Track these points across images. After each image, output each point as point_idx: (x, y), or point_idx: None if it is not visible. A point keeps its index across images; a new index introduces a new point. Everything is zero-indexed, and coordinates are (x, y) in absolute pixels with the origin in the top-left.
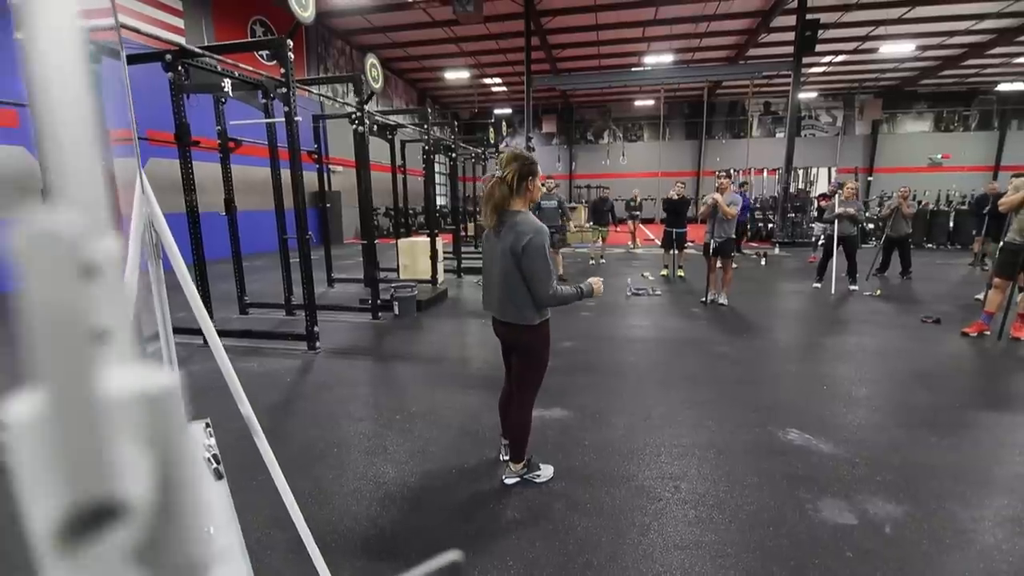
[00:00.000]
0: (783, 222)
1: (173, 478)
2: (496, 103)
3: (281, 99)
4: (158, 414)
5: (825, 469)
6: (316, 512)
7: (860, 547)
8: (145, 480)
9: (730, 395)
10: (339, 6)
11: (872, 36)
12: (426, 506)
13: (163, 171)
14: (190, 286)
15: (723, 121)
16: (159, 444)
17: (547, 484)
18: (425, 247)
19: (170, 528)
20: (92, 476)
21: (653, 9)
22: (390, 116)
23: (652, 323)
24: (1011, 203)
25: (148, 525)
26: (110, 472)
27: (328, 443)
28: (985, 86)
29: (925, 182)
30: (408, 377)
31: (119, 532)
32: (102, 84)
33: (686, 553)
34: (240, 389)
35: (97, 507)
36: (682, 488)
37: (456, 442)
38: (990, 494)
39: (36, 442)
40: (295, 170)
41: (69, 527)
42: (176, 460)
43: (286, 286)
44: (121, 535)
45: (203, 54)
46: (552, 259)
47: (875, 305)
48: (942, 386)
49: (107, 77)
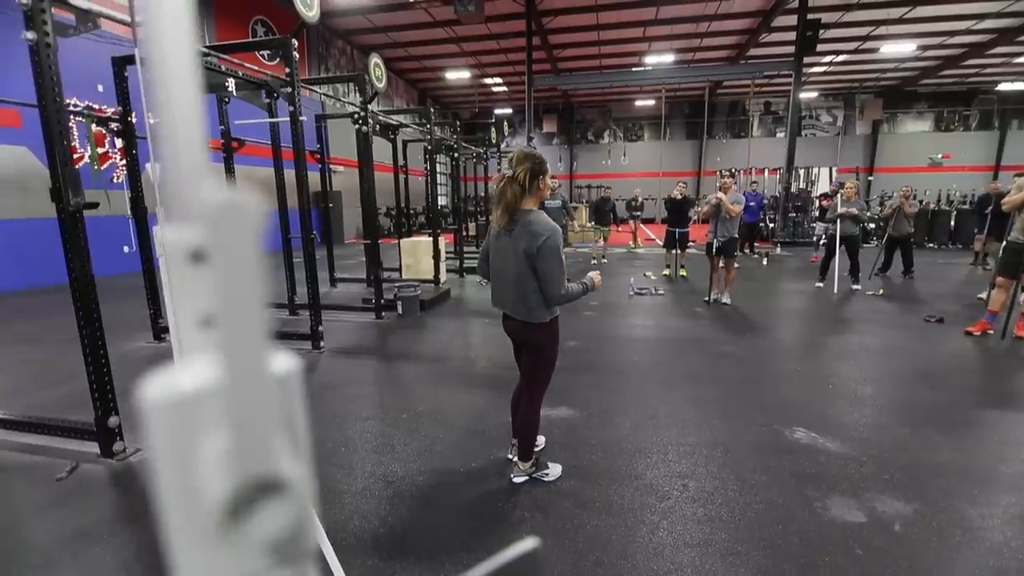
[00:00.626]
0: (784, 222)
1: (302, 457)
2: (497, 103)
3: (286, 99)
4: (290, 394)
5: (833, 467)
6: (326, 511)
7: (870, 545)
8: (295, 458)
9: (735, 394)
10: (340, 6)
11: (873, 36)
12: (435, 504)
13: None
14: None
15: (724, 121)
16: (292, 422)
17: (555, 483)
18: (427, 247)
19: (300, 509)
20: (260, 450)
21: (654, 9)
22: (392, 116)
23: (655, 323)
24: (1014, 202)
25: (298, 505)
26: (275, 448)
27: (336, 442)
28: (985, 86)
29: (926, 182)
30: (413, 376)
31: (280, 509)
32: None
33: (697, 551)
34: None
35: (263, 483)
36: (691, 487)
37: (463, 441)
38: (997, 492)
39: (211, 416)
40: (300, 170)
41: (238, 503)
42: (303, 440)
43: (289, 286)
44: (276, 514)
45: (207, 54)
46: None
47: (878, 304)
48: (946, 385)
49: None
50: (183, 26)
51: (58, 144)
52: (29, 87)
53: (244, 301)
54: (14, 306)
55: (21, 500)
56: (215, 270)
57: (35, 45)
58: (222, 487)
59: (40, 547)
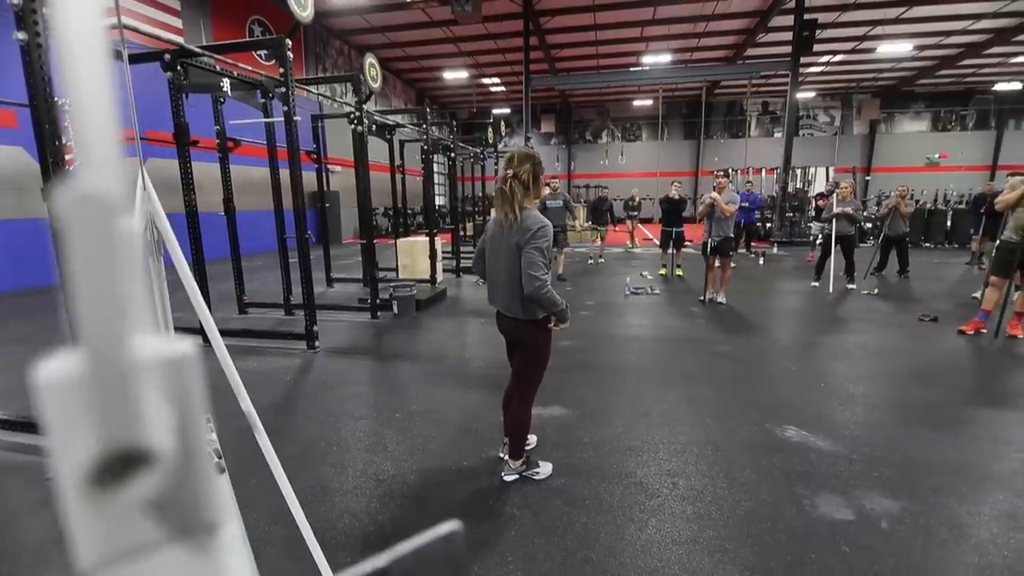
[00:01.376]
0: (781, 221)
1: (188, 435)
2: (495, 103)
3: (280, 98)
4: (179, 375)
5: (823, 465)
6: (316, 509)
7: (857, 542)
8: (167, 432)
9: (729, 393)
10: (337, 6)
11: (870, 36)
12: (426, 503)
13: (162, 171)
14: (190, 281)
15: (721, 121)
16: (179, 402)
17: (546, 481)
18: (424, 247)
19: (186, 481)
20: (122, 424)
21: (651, 9)
22: (389, 116)
23: (651, 322)
24: (1007, 201)
25: (169, 475)
26: (138, 422)
27: (328, 441)
28: (982, 86)
29: (922, 181)
30: (407, 376)
31: (145, 478)
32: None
33: (684, 548)
34: (241, 385)
35: (126, 453)
36: (680, 484)
37: (455, 440)
38: (986, 489)
39: (73, 394)
40: (294, 170)
41: (99, 471)
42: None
43: (285, 286)
44: (146, 482)
45: (202, 53)
46: (553, 258)
47: (873, 304)
48: (939, 383)
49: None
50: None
51: (49, 144)
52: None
53: (100, 289)
54: (11, 306)
55: (15, 499)
56: (72, 262)
57: (26, 45)
58: (82, 459)
59: (33, 545)
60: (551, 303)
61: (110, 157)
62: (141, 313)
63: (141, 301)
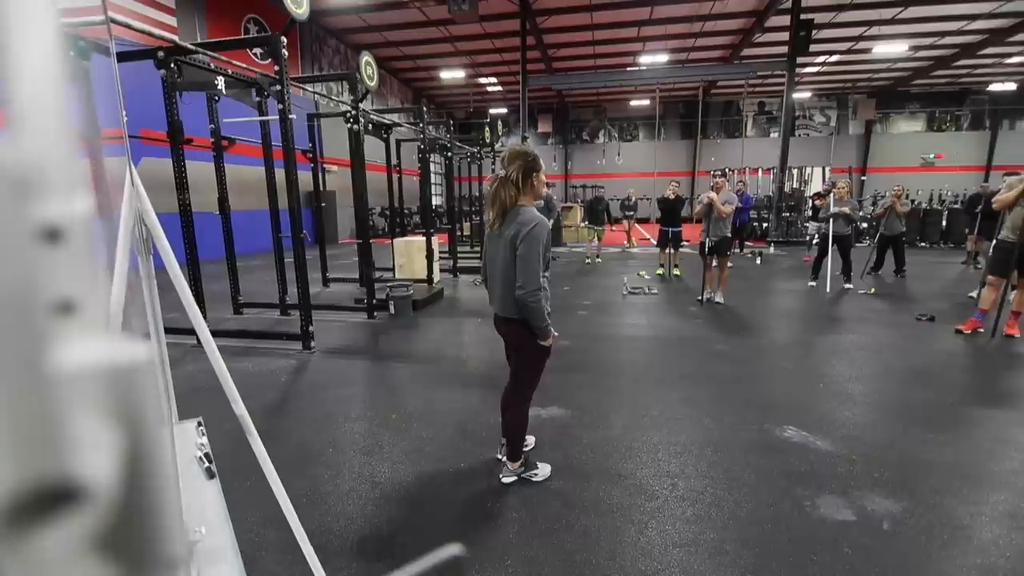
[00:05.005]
0: (778, 221)
1: (143, 460)
2: (491, 102)
3: (275, 96)
4: (126, 389)
5: (823, 466)
6: (311, 512)
7: (858, 543)
8: (108, 461)
9: (727, 393)
10: (333, 4)
11: (865, 36)
12: (423, 506)
13: (156, 170)
14: (181, 282)
15: (718, 121)
16: (128, 423)
17: (545, 483)
18: (421, 247)
19: (138, 517)
20: (43, 454)
21: (648, 9)
22: (385, 115)
23: (648, 322)
24: (1004, 201)
25: (113, 511)
26: (65, 450)
27: (323, 443)
28: (977, 86)
29: (918, 181)
30: (404, 377)
31: (76, 517)
32: (91, 80)
33: (685, 550)
34: (233, 388)
35: (50, 488)
36: (680, 486)
37: (453, 441)
38: (986, 490)
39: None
40: (289, 168)
41: (16, 509)
42: (147, 440)
43: (281, 286)
44: (78, 520)
45: (196, 51)
46: (547, 256)
47: (870, 303)
48: (937, 383)
49: (97, 74)
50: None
51: None
52: None
53: (7, 294)
54: None
55: None
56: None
57: None
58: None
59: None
60: (535, 315)
61: (47, 122)
62: (87, 315)
63: (87, 300)
